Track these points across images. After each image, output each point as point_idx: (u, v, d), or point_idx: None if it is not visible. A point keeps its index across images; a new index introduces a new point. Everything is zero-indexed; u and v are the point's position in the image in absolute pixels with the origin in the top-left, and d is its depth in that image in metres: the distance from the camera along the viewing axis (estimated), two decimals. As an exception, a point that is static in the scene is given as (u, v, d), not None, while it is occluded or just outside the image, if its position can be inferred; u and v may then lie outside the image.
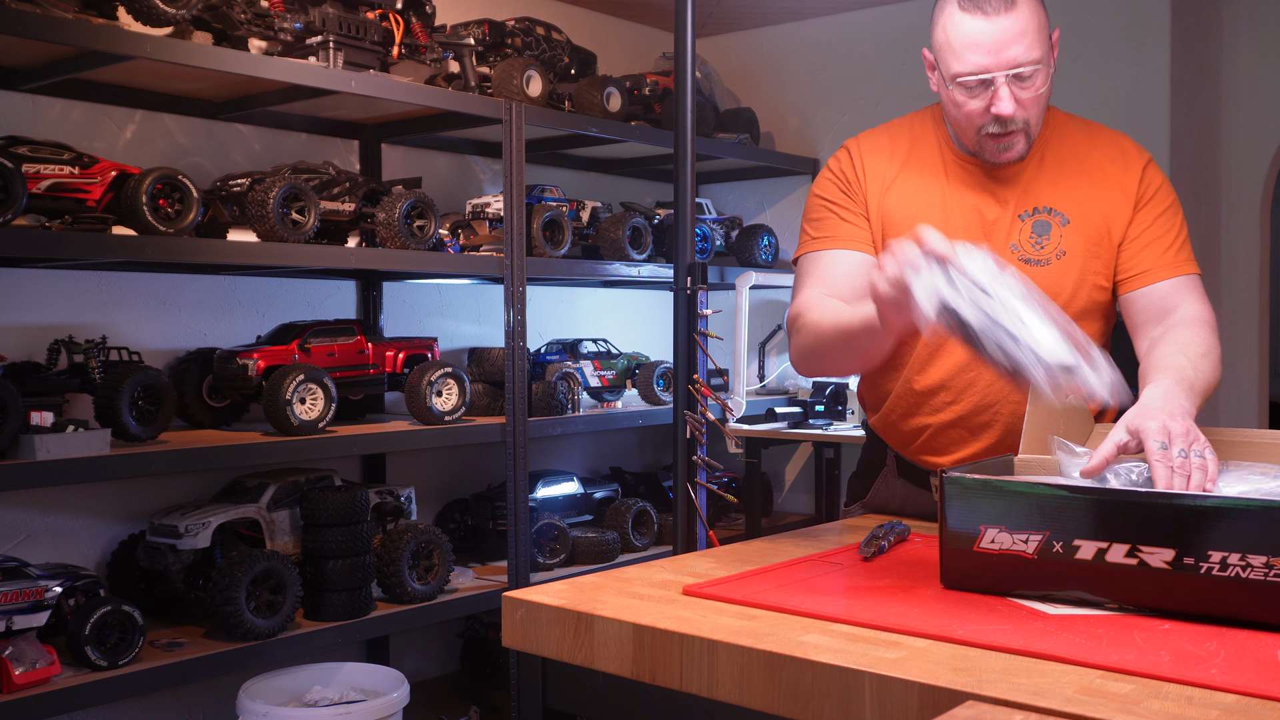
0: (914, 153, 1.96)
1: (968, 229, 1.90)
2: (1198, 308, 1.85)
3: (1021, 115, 1.79)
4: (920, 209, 1.92)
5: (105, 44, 2.46)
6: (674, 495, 2.49)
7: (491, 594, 3.25)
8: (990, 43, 1.74)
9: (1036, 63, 1.75)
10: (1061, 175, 1.90)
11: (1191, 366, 1.70)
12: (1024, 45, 1.74)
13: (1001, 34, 1.73)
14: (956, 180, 1.92)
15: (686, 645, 1.30)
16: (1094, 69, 3.84)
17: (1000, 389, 1.91)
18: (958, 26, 1.77)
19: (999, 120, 1.79)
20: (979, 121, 1.81)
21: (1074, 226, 1.88)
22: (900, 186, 1.94)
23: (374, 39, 3.01)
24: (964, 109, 1.81)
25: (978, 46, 1.75)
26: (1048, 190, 1.89)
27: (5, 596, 2.35)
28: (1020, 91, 1.77)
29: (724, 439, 2.77)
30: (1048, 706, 1.05)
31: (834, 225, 1.95)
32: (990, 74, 1.75)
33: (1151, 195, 1.90)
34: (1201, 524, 1.30)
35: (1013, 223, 1.89)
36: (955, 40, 1.77)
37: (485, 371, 3.56)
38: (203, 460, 2.68)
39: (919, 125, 1.99)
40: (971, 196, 1.91)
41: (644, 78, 3.93)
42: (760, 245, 4.27)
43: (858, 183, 1.96)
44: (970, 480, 1.45)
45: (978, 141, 1.84)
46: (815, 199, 2.00)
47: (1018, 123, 1.80)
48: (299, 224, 2.82)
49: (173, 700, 3.17)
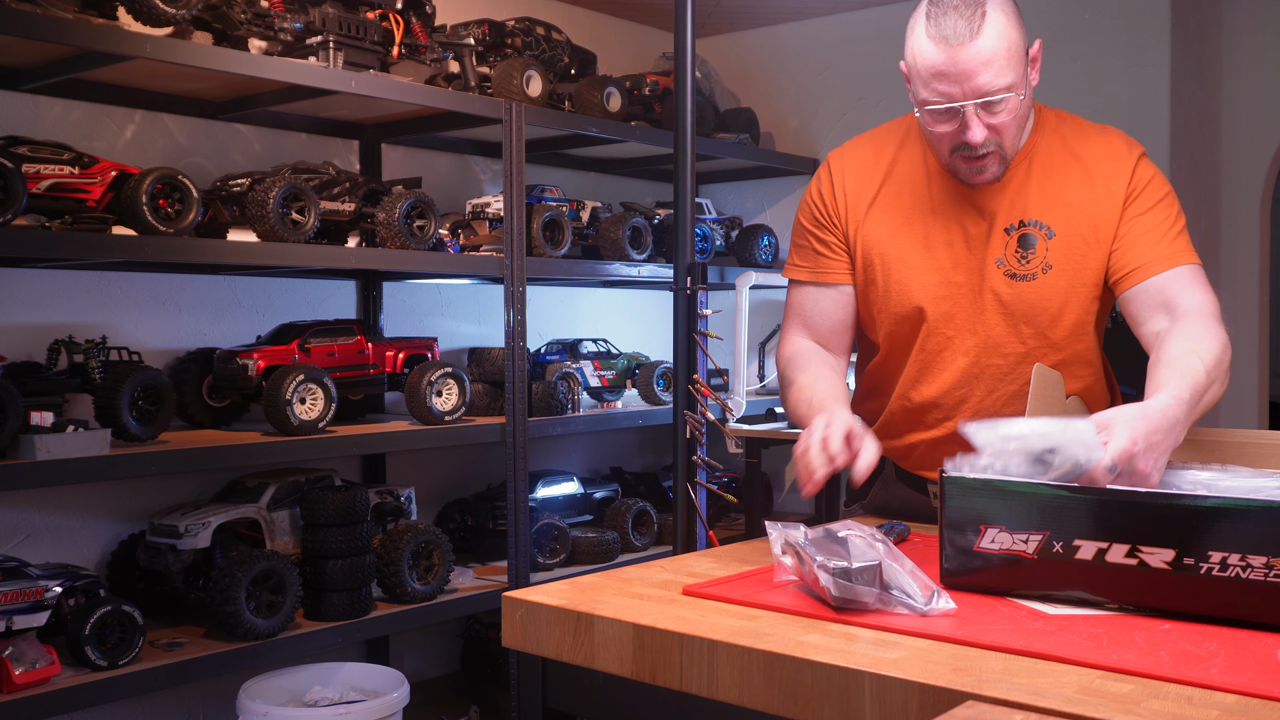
0: (898, 165, 1.93)
1: (950, 244, 1.87)
2: (1202, 298, 1.77)
3: (994, 139, 1.75)
4: (901, 227, 1.90)
5: (105, 44, 2.46)
6: (674, 495, 2.49)
7: (491, 594, 3.25)
8: (955, 71, 1.68)
9: (1007, 90, 1.70)
10: (1048, 185, 1.85)
11: (1206, 374, 1.63)
12: (991, 73, 1.68)
13: (966, 62, 1.67)
14: (940, 193, 1.88)
15: (686, 645, 1.30)
16: (1094, 69, 3.84)
17: (993, 405, 1.89)
18: (923, 53, 1.71)
19: (969, 145, 1.75)
20: (949, 144, 1.78)
21: (1060, 238, 1.83)
22: (881, 204, 1.92)
23: (374, 39, 3.01)
24: (933, 132, 1.78)
25: (942, 76, 1.69)
26: (1035, 201, 1.85)
27: (5, 596, 2.35)
28: (990, 118, 1.73)
29: (724, 439, 2.76)
30: (1048, 706, 1.05)
31: (812, 257, 2.00)
32: (956, 104, 1.71)
33: (1142, 190, 1.83)
34: (1201, 524, 1.29)
35: (999, 237, 1.85)
36: (921, 67, 1.72)
37: (485, 371, 3.56)
38: (203, 460, 2.68)
39: (904, 134, 1.96)
40: (955, 211, 1.87)
41: (644, 78, 3.93)
42: (760, 245, 4.27)
43: (837, 212, 1.96)
44: (970, 480, 1.45)
45: (951, 163, 1.82)
46: (798, 222, 2.03)
47: (989, 146, 1.76)
48: (299, 224, 2.82)
49: (173, 700, 3.17)
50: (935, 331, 1.89)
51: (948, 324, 1.88)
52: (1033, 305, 1.85)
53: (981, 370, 1.88)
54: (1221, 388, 1.69)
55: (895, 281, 1.90)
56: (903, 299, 1.90)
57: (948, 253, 1.87)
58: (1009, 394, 1.88)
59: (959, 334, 1.88)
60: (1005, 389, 1.88)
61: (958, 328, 1.88)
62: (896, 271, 1.90)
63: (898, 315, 1.92)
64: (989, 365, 1.88)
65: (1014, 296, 1.85)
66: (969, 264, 1.86)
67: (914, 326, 1.91)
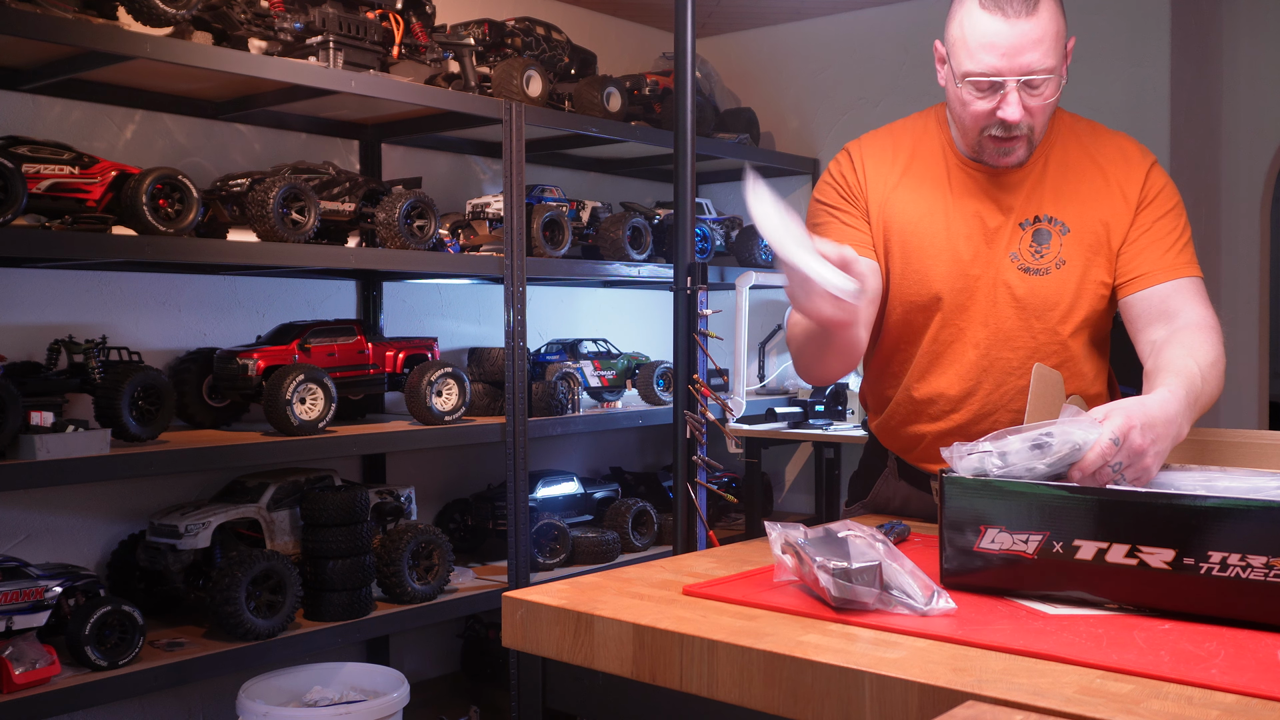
0: (917, 157, 1.94)
1: (969, 236, 1.88)
2: (1201, 312, 1.81)
3: (1027, 122, 1.77)
4: (923, 216, 1.91)
5: (105, 44, 2.46)
6: (674, 495, 2.49)
7: (491, 594, 3.25)
8: (1006, 45, 1.71)
9: (1050, 71, 1.73)
10: (1064, 182, 1.88)
11: (1201, 376, 1.66)
12: (1040, 52, 1.72)
13: (1019, 38, 1.71)
14: (959, 186, 1.90)
15: (686, 645, 1.30)
16: (1094, 69, 3.84)
17: (999, 398, 1.90)
18: (975, 24, 1.74)
19: (1004, 125, 1.77)
20: (983, 123, 1.79)
21: (1074, 235, 1.86)
22: (902, 192, 1.93)
23: (374, 39, 3.01)
24: (970, 108, 1.79)
25: (993, 48, 1.72)
26: (1050, 198, 1.87)
27: (5, 596, 2.35)
28: (1029, 99, 1.75)
29: (724, 439, 2.76)
30: (1048, 706, 1.05)
31: (836, 230, 1.94)
32: (1002, 77, 1.73)
33: (1154, 198, 1.87)
34: (1201, 524, 1.29)
35: (1014, 231, 1.87)
36: (971, 38, 1.74)
37: (485, 371, 3.56)
38: (203, 460, 2.68)
39: (922, 128, 1.97)
40: (973, 204, 1.89)
41: (644, 78, 3.93)
42: (760, 245, 4.27)
43: (858, 186, 1.94)
44: (970, 480, 1.45)
45: (979, 142, 1.83)
46: (816, 204, 2.00)
47: (1022, 129, 1.78)
48: (299, 224, 2.82)
49: (173, 700, 3.17)
50: (949, 322, 1.90)
51: (961, 315, 1.89)
52: (1045, 300, 1.86)
53: (991, 363, 1.89)
54: (1216, 391, 1.72)
55: (915, 269, 1.90)
56: (921, 287, 1.90)
57: (967, 244, 1.88)
58: (1016, 388, 1.89)
59: (971, 326, 1.89)
60: (1013, 383, 1.89)
61: (970, 320, 1.89)
62: (916, 259, 1.90)
63: (913, 303, 1.91)
64: (998, 359, 1.89)
65: (1027, 291, 1.86)
66: (986, 257, 1.87)
67: (928, 316, 1.91)
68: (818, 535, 1.46)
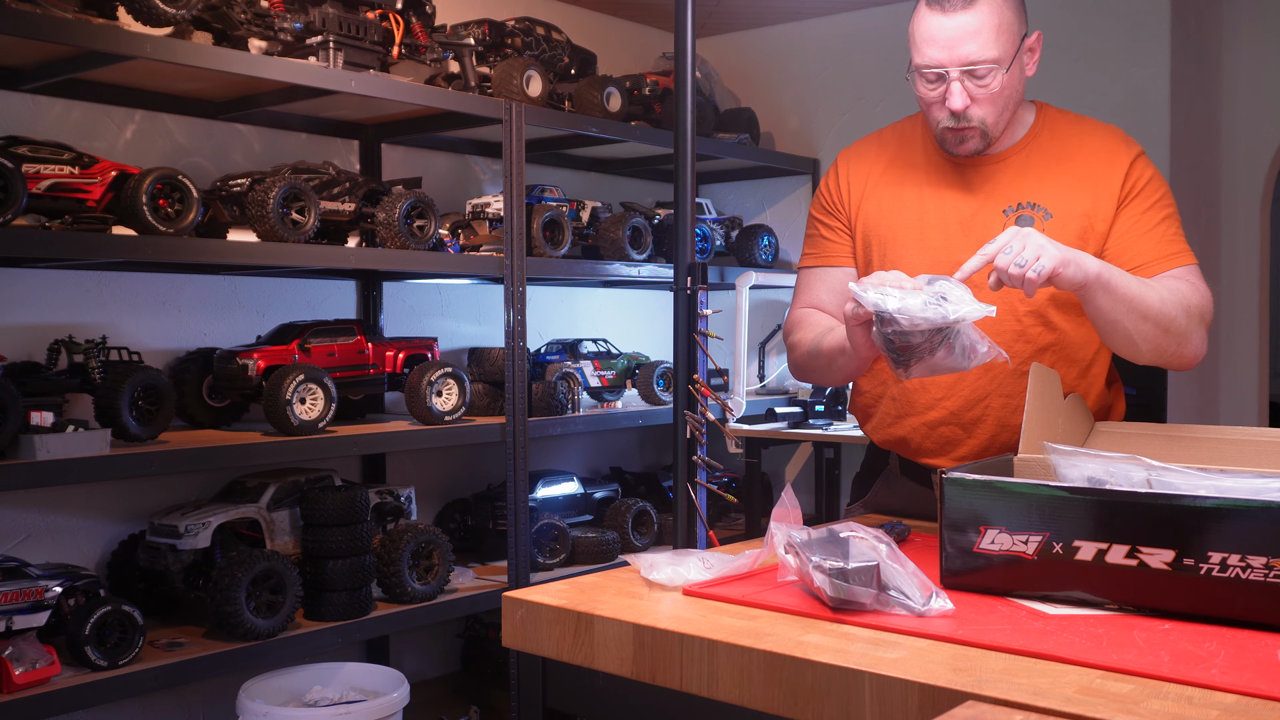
0: (899, 155, 2.03)
1: (943, 225, 1.93)
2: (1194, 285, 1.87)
3: (977, 113, 1.85)
4: (898, 207, 1.99)
5: (105, 44, 2.46)
6: (674, 495, 2.49)
7: (491, 594, 3.25)
8: (944, 38, 1.81)
9: (992, 62, 1.80)
10: (1046, 172, 1.92)
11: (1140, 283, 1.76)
12: (978, 44, 1.80)
13: (957, 30, 1.80)
14: (938, 178, 1.98)
15: (686, 645, 1.30)
16: (1094, 69, 3.84)
17: (988, 383, 1.92)
18: (920, 20, 1.85)
19: (952, 114, 1.86)
20: (937, 114, 1.89)
21: (1057, 221, 1.89)
22: (879, 188, 2.02)
23: (374, 39, 3.01)
24: (924, 100, 1.90)
25: (934, 40, 1.82)
26: (1032, 186, 1.92)
27: (5, 596, 2.35)
28: (975, 89, 1.83)
29: (724, 439, 2.77)
30: (1048, 706, 1.05)
31: (821, 243, 2.11)
32: (943, 68, 1.82)
33: (1140, 189, 1.90)
34: (1201, 524, 1.30)
35: (995, 218, 1.92)
36: (917, 33, 1.85)
37: (485, 371, 3.56)
38: (203, 460, 2.68)
39: (910, 126, 2.07)
40: (951, 194, 1.96)
41: (644, 78, 3.93)
42: (760, 245, 4.27)
43: (841, 199, 2.08)
44: (970, 480, 1.45)
45: (940, 134, 1.91)
46: (810, 216, 2.16)
47: (972, 119, 1.85)
48: (299, 224, 2.82)
49: (173, 700, 3.17)
50: None
51: None
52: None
53: None
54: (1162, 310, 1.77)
55: (890, 260, 1.97)
56: None
57: (941, 235, 1.94)
58: (1003, 374, 1.90)
59: None
60: (999, 369, 1.90)
61: None
62: (892, 250, 1.98)
63: None
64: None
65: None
66: (963, 245, 1.90)
67: None
68: (820, 535, 1.46)
